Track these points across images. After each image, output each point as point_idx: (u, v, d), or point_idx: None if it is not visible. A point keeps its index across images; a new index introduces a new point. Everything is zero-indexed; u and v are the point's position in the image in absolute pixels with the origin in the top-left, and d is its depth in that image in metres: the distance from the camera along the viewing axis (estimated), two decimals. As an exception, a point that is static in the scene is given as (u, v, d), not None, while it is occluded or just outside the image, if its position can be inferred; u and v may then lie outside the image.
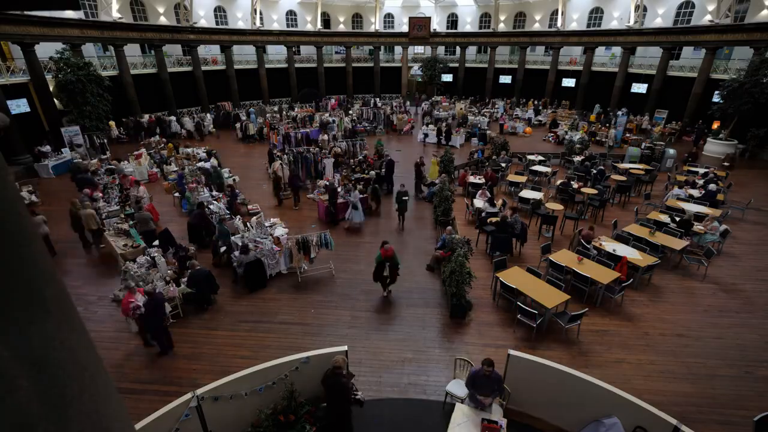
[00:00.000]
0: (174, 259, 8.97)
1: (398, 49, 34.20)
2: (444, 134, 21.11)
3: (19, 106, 17.52)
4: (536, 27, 31.07)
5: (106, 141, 19.28)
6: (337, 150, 16.34)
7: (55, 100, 18.80)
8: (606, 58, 28.64)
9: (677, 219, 10.56)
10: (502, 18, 31.67)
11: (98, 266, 9.76)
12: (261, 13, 29.31)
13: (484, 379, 5.00)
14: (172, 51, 26.56)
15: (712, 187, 12.83)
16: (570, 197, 12.66)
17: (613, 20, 27.29)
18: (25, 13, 16.20)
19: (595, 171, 14.54)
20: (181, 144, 18.91)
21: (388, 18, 34.59)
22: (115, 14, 21.96)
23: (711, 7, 21.75)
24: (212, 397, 4.84)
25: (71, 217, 10.29)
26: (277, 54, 31.97)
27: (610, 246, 9.20)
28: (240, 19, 29.26)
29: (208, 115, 25.55)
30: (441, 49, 34.14)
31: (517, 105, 30.38)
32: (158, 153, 16.75)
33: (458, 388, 5.70)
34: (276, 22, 31.01)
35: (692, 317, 7.82)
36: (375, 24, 32.50)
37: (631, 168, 15.42)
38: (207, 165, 14.32)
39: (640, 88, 26.05)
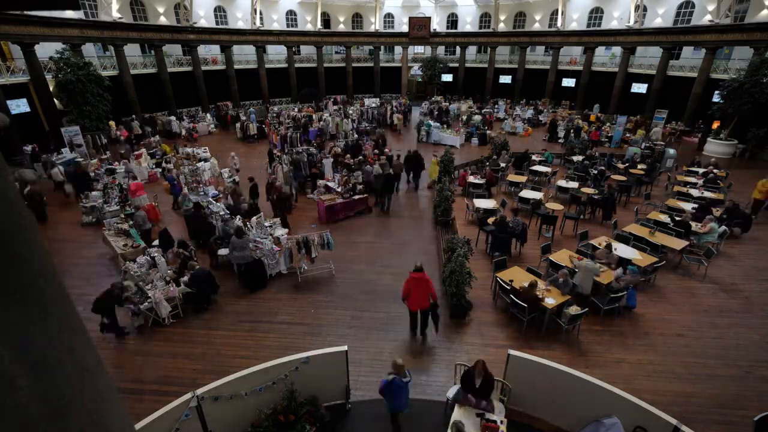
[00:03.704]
0: (176, 256, 8.93)
1: (398, 49, 34.17)
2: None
3: (19, 106, 17.52)
4: (536, 27, 31.06)
5: (107, 141, 19.32)
6: (337, 150, 16.33)
7: (55, 100, 18.80)
8: (606, 58, 28.63)
9: (676, 219, 10.55)
10: (502, 18, 31.66)
11: (98, 266, 9.75)
12: (261, 13, 29.30)
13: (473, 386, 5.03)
14: (172, 51, 26.55)
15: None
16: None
17: (613, 20, 27.28)
18: (25, 13, 16.20)
19: (595, 171, 14.53)
20: (180, 144, 18.92)
21: (388, 18, 34.57)
22: (115, 14, 21.95)
23: (711, 7, 21.74)
24: (212, 397, 4.84)
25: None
26: (277, 54, 31.96)
27: (611, 246, 9.19)
28: (240, 19, 29.25)
29: (208, 115, 25.54)
30: (441, 49, 34.13)
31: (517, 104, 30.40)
32: (160, 153, 16.80)
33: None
34: (276, 22, 30.99)
35: (692, 317, 7.82)
36: (375, 24, 32.49)
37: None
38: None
39: (640, 88, 26.04)
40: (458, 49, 33.46)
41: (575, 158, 16.62)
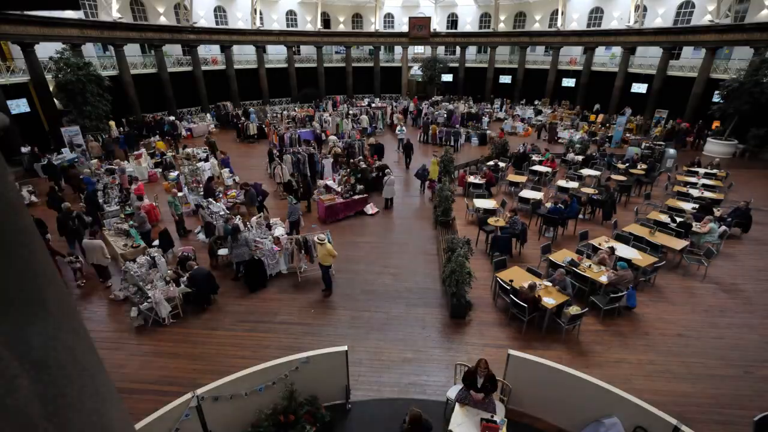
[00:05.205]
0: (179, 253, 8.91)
1: (398, 49, 34.16)
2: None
3: (19, 106, 17.51)
4: (536, 27, 31.05)
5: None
6: (337, 150, 16.32)
7: (55, 100, 18.78)
8: (606, 58, 28.62)
9: (677, 219, 10.54)
10: (502, 18, 31.65)
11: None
12: (261, 13, 29.30)
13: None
14: (172, 51, 26.54)
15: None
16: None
17: (613, 20, 27.28)
18: (25, 13, 16.20)
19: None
20: (180, 144, 18.92)
21: (388, 18, 34.56)
22: (115, 14, 21.95)
23: (711, 7, 21.73)
24: (212, 397, 4.84)
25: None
26: (277, 54, 31.93)
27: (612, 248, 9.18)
28: (240, 19, 29.25)
29: (208, 115, 25.55)
30: (441, 49, 34.09)
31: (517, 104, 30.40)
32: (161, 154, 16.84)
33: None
34: (276, 22, 30.99)
35: (692, 317, 7.82)
36: (375, 24, 32.49)
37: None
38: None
39: (640, 88, 26.02)
40: (458, 49, 33.43)
41: (574, 157, 16.61)
